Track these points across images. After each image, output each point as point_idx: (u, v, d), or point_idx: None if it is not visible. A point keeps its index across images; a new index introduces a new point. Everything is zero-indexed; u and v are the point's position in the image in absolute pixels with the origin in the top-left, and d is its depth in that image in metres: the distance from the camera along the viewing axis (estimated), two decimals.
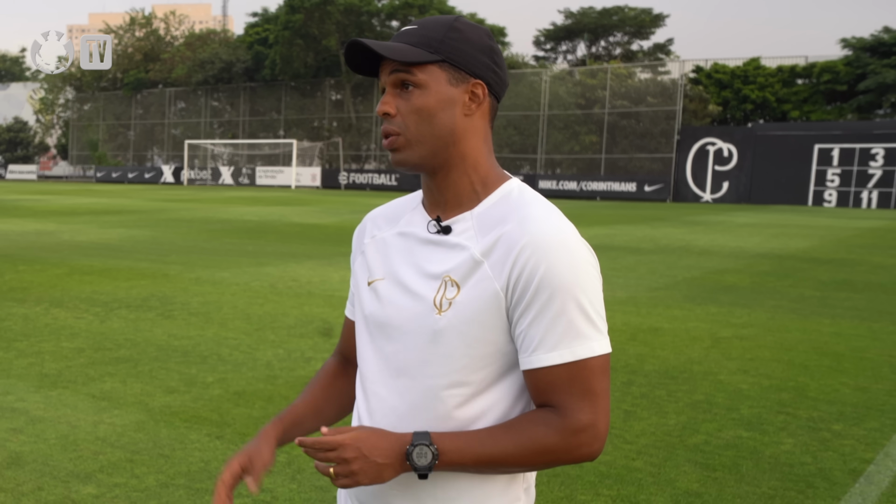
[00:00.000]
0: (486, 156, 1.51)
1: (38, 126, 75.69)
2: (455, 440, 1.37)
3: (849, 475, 4.36)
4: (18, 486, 4.01)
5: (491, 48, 1.48)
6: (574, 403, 1.38)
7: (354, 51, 1.46)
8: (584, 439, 1.38)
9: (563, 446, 1.38)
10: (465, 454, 1.36)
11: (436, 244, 1.49)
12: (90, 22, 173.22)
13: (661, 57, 54.80)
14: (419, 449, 1.34)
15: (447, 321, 1.43)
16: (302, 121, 58.06)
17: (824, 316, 9.09)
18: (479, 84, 1.46)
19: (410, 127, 1.46)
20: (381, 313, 1.53)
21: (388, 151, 1.50)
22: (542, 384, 1.40)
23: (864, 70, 43.14)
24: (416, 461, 1.34)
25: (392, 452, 1.35)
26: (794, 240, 18.88)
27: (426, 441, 1.35)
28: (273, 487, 4.06)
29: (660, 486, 4.16)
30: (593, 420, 1.38)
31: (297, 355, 6.82)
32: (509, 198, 1.48)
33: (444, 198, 1.51)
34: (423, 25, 1.48)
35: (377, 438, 1.35)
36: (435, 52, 1.44)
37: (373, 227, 1.64)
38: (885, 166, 37.42)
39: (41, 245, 14.93)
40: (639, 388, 5.97)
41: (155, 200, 32.73)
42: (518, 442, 1.37)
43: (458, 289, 1.43)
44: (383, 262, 1.57)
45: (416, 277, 1.49)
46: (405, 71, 1.44)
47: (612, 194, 42.96)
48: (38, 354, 6.67)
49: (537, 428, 1.38)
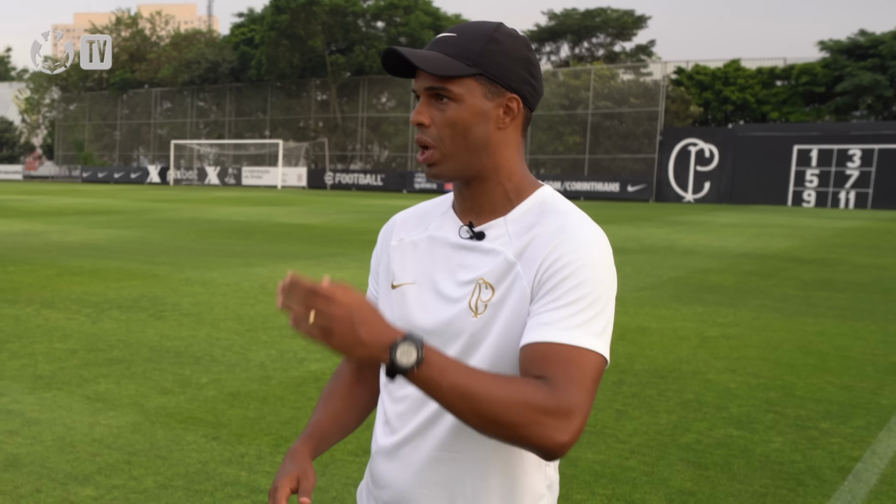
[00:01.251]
0: (518, 164, 1.52)
1: (23, 126, 75.19)
2: (443, 359, 1.27)
3: (838, 473, 4.44)
4: (17, 489, 4.03)
5: (529, 60, 1.47)
6: (566, 384, 1.31)
7: (392, 55, 1.44)
8: (560, 423, 1.28)
9: (540, 415, 1.27)
10: (445, 374, 1.26)
11: (469, 249, 1.49)
12: (75, 22, 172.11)
13: (644, 58, 55.02)
14: (406, 346, 1.23)
15: (483, 322, 1.44)
16: (288, 121, 57.94)
17: (808, 315, 9.21)
18: (515, 98, 1.46)
19: (445, 140, 1.45)
20: (413, 317, 1.52)
21: (425, 166, 1.49)
22: (539, 356, 1.34)
23: (842, 72, 43.54)
24: (397, 357, 1.23)
25: (379, 336, 1.24)
26: (776, 239, 19.05)
27: (417, 343, 1.24)
28: None
29: (654, 484, 4.23)
30: (576, 409, 1.29)
31: (290, 356, 6.86)
32: (544, 204, 1.49)
33: (477, 204, 1.51)
34: (462, 34, 1.46)
35: (372, 315, 1.24)
36: (473, 65, 1.42)
37: (401, 230, 1.63)
38: (862, 167, 37.78)
39: (29, 245, 14.88)
40: (629, 388, 6.05)
41: (142, 201, 32.60)
42: (502, 387, 1.28)
43: (493, 291, 1.44)
44: (413, 265, 1.56)
45: (450, 282, 1.49)
46: (441, 83, 1.43)
47: (595, 194, 43.13)
48: (31, 356, 6.68)
49: (526, 385, 1.30)
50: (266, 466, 4.38)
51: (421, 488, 1.51)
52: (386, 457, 1.57)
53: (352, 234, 18.58)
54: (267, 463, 4.43)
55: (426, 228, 1.59)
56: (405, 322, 1.54)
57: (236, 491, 4.06)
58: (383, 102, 55.85)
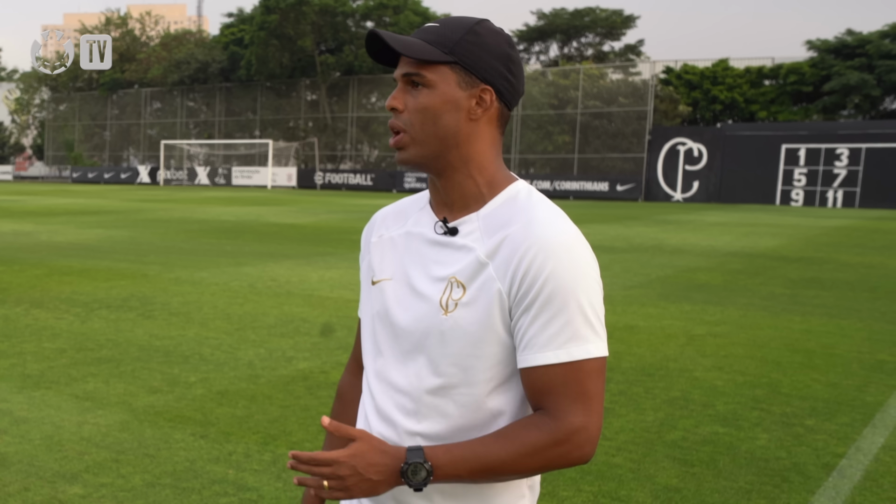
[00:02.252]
0: (492, 159, 1.51)
1: (13, 126, 74.86)
2: (448, 453, 1.37)
3: (822, 469, 4.48)
4: (4, 487, 4.04)
5: (508, 56, 1.48)
6: (567, 406, 1.38)
7: (374, 40, 1.46)
8: (576, 442, 1.38)
9: (555, 450, 1.38)
10: (459, 466, 1.37)
11: (442, 245, 1.50)
12: (65, 22, 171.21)
13: (632, 58, 55.18)
14: (413, 467, 1.35)
15: (453, 321, 1.45)
16: (278, 121, 57.86)
17: (795, 313, 9.26)
18: (488, 90, 1.47)
19: (415, 125, 1.47)
20: (390, 313, 1.54)
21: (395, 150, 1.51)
22: (537, 384, 1.40)
23: (829, 71, 43.76)
24: (410, 479, 1.35)
25: (387, 470, 1.35)
26: (764, 238, 19.13)
27: (420, 458, 1.35)
28: (259, 486, 4.12)
29: (640, 481, 4.26)
30: (585, 423, 1.38)
31: (279, 355, 6.87)
32: (515, 200, 1.49)
33: (450, 199, 1.52)
34: (443, 24, 1.48)
35: (372, 454, 1.35)
36: (449, 52, 1.44)
37: (381, 226, 1.65)
38: (850, 166, 37.96)
39: (19, 245, 14.84)
40: (616, 385, 6.08)
41: (132, 201, 32.53)
42: (510, 448, 1.37)
43: (464, 290, 1.45)
44: (390, 261, 1.58)
45: (424, 278, 1.51)
46: (416, 69, 1.45)
47: (584, 194, 43.23)
48: (19, 355, 6.67)
49: (529, 433, 1.38)
50: (254, 465, 4.39)
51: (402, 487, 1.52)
52: None
53: (341, 234, 18.58)
54: (255, 461, 4.45)
55: (404, 224, 1.60)
56: (384, 317, 1.55)
57: (224, 489, 4.07)
58: (373, 102, 55.83)
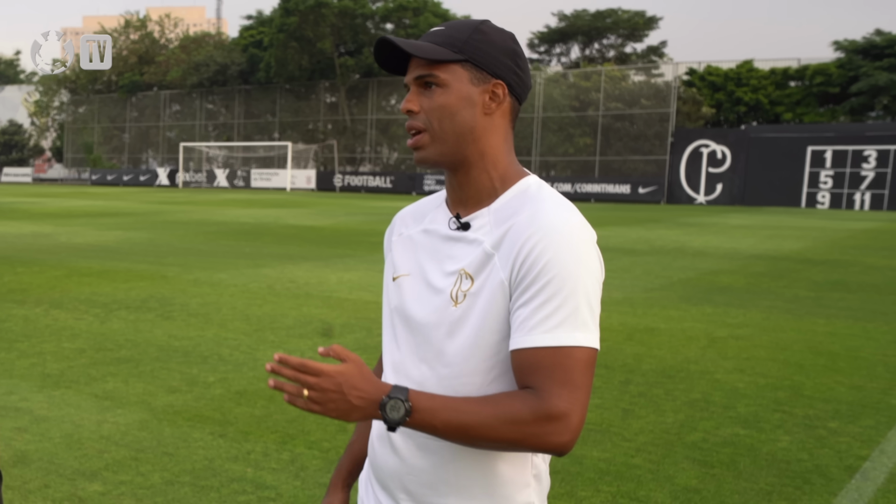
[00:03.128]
0: (505, 153, 1.56)
1: (32, 129, 75.43)
2: (431, 401, 1.37)
3: (845, 472, 4.42)
4: (25, 484, 4.06)
5: (514, 51, 1.54)
6: (553, 388, 1.38)
7: (383, 48, 1.52)
8: (556, 427, 1.37)
9: (533, 427, 1.37)
10: (437, 415, 1.37)
11: (456, 240, 1.55)
12: (84, 24, 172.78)
13: (655, 59, 54.91)
14: (393, 402, 1.35)
15: (462, 312, 1.49)
16: (297, 123, 58.03)
17: (819, 316, 9.16)
18: (500, 84, 1.52)
19: (434, 124, 1.51)
20: (406, 307, 1.59)
21: (412, 150, 1.56)
22: (525, 365, 1.41)
23: (857, 72, 43.27)
24: (388, 413, 1.35)
25: (368, 398, 1.35)
26: (788, 241, 18.97)
27: (402, 396, 1.35)
28: (277, 485, 4.11)
29: (659, 482, 4.22)
30: (568, 410, 1.37)
31: (298, 355, 6.79)
32: (525, 193, 1.53)
33: (465, 195, 1.56)
34: (449, 26, 1.53)
35: (360, 380, 1.35)
36: (459, 51, 1.49)
37: (401, 226, 1.70)
38: (878, 168, 37.55)
39: (39, 247, 14.95)
40: (636, 387, 6.03)
41: (150, 203, 32.73)
42: (491, 412, 1.37)
43: (472, 281, 1.49)
44: (409, 258, 1.63)
45: (437, 273, 1.55)
46: (429, 70, 1.50)
47: (606, 196, 43.05)
48: (39, 355, 6.71)
49: (513, 402, 1.38)
50: (272, 463, 4.39)
51: (409, 473, 1.56)
52: (379, 440, 1.63)
53: (360, 236, 18.60)
54: (273, 460, 4.44)
55: (422, 222, 1.65)
56: (401, 312, 1.60)
57: (242, 487, 4.07)
58: (392, 104, 55.88)
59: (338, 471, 1.82)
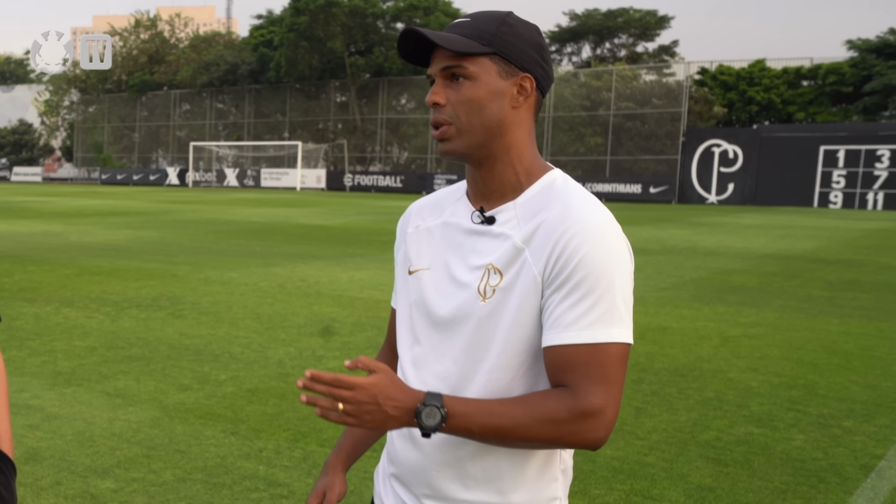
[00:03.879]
0: (529, 147, 1.54)
1: (42, 128, 75.72)
2: (465, 405, 1.37)
3: (860, 470, 4.38)
4: (37, 481, 4.05)
5: (540, 44, 1.52)
6: (588, 386, 1.38)
7: (408, 39, 1.50)
8: (592, 424, 1.38)
9: (570, 425, 1.37)
10: (472, 420, 1.37)
11: (480, 234, 1.53)
12: (94, 24, 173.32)
13: (666, 59, 54.71)
14: (429, 409, 1.35)
15: (491, 307, 1.47)
16: (307, 123, 58.09)
17: (832, 315, 9.11)
18: (528, 78, 1.50)
19: (461, 117, 1.49)
20: (428, 302, 1.56)
21: (438, 142, 1.53)
22: (559, 362, 1.41)
23: (870, 71, 43.02)
24: (424, 421, 1.35)
25: (403, 407, 1.35)
26: (801, 241, 18.88)
27: (437, 403, 1.35)
28: (289, 482, 4.10)
29: (672, 480, 4.19)
30: (604, 406, 1.38)
31: (309, 353, 6.86)
32: (552, 188, 1.52)
33: (488, 188, 1.54)
34: (475, 18, 1.51)
35: (393, 389, 1.35)
36: (487, 44, 1.47)
37: (417, 217, 1.68)
38: (891, 167, 37.34)
39: (49, 246, 14.99)
40: (649, 386, 6.00)
41: (160, 202, 32.80)
42: (526, 413, 1.37)
43: (501, 276, 1.47)
44: (427, 251, 1.60)
45: (462, 267, 1.53)
46: (458, 61, 1.48)
47: (617, 196, 42.96)
48: (50, 353, 6.72)
49: (548, 402, 1.39)
50: (284, 461, 4.38)
51: (433, 469, 1.54)
52: (400, 436, 1.61)
53: (371, 235, 18.60)
54: (285, 457, 4.43)
55: (441, 215, 1.63)
56: (421, 306, 1.58)
57: (254, 484, 4.06)
58: (403, 104, 55.90)
59: (336, 452, 1.79)
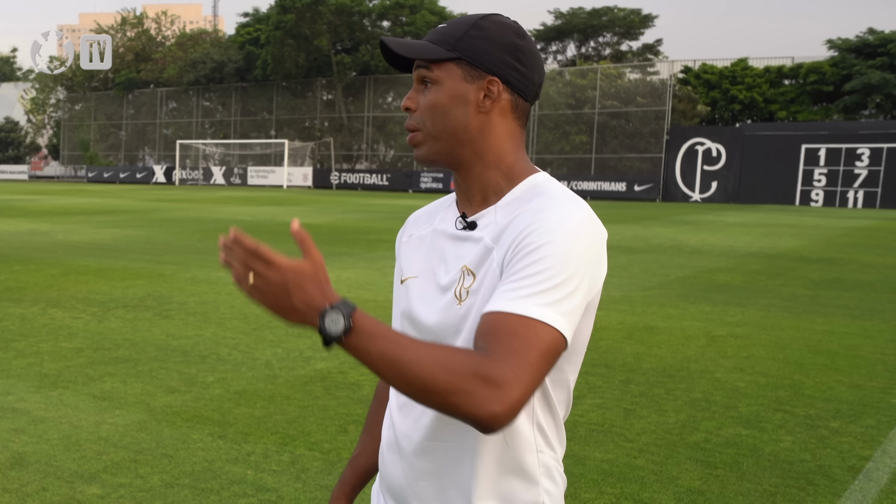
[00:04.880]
0: (510, 152, 1.51)
1: (29, 126, 75.27)
2: (374, 326, 1.24)
3: (848, 472, 4.40)
4: (22, 487, 4.02)
5: (515, 46, 1.48)
6: (504, 354, 1.25)
7: (386, 49, 1.51)
8: (491, 393, 1.22)
9: (469, 383, 1.22)
10: (374, 341, 1.23)
11: (462, 239, 1.51)
12: (81, 22, 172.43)
13: (651, 57, 54.89)
14: (335, 315, 1.22)
15: (465, 310, 1.45)
16: (293, 121, 57.94)
17: (816, 314, 9.16)
18: (495, 81, 1.46)
19: (427, 122, 1.50)
20: (413, 310, 1.55)
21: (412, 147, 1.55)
22: (485, 326, 1.31)
23: (850, 71, 43.36)
24: (325, 325, 1.22)
25: (311, 303, 1.23)
26: (784, 239, 18.98)
27: (346, 311, 1.22)
28: (278, 487, 4.08)
29: (662, 483, 4.19)
30: (511, 380, 1.23)
31: (297, 355, 6.84)
32: (533, 189, 1.49)
33: (470, 193, 1.53)
34: (450, 24, 1.51)
35: (309, 282, 1.23)
36: (452, 49, 1.47)
37: (412, 227, 1.68)
38: (871, 166, 37.66)
39: (35, 245, 14.89)
40: (637, 387, 6.01)
41: (147, 200, 32.65)
42: (429, 354, 1.24)
43: (474, 277, 1.45)
44: (417, 259, 1.60)
45: (444, 272, 1.52)
46: (425, 68, 1.49)
47: (602, 194, 43.07)
48: (36, 354, 6.67)
49: (456, 353, 1.25)
50: (272, 465, 4.36)
51: (417, 479, 1.52)
52: (388, 449, 1.59)
53: (357, 234, 18.57)
54: (273, 462, 4.41)
55: (432, 223, 1.63)
56: (409, 314, 1.57)
57: (243, 490, 4.04)
58: (389, 102, 55.84)
59: (340, 484, 1.80)
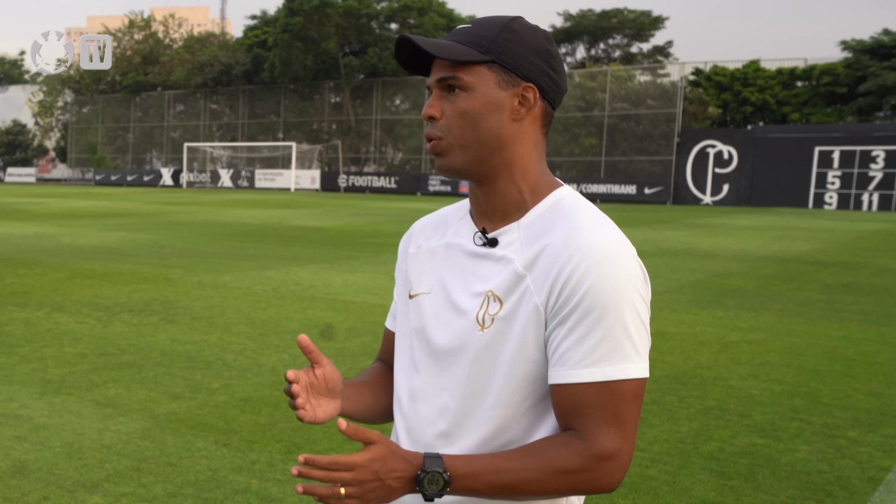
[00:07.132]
0: (535, 163, 1.43)
1: (36, 129, 75.49)
2: (469, 464, 1.28)
3: (867, 483, 4.29)
4: (24, 496, 3.94)
5: (548, 51, 1.40)
6: (600, 428, 1.29)
7: (403, 47, 1.39)
8: (607, 468, 1.29)
9: (584, 473, 1.29)
10: (478, 480, 1.27)
11: (482, 257, 1.42)
12: (88, 25, 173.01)
13: (661, 59, 54.72)
14: (431, 475, 1.26)
15: (490, 338, 1.37)
16: (301, 123, 57.96)
17: (832, 320, 9.02)
18: (531, 88, 1.39)
19: (454, 131, 1.38)
20: (427, 330, 1.46)
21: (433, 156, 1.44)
22: (568, 403, 1.31)
23: (864, 72, 43.07)
24: (426, 488, 1.26)
25: (405, 476, 1.26)
26: (797, 242, 18.82)
27: (439, 468, 1.26)
28: (283, 497, 3.99)
29: (676, 494, 4.09)
30: (618, 449, 1.29)
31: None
32: (559, 207, 1.40)
33: (491, 207, 1.43)
34: (476, 24, 1.41)
35: (393, 459, 1.26)
36: (485, 51, 1.37)
37: (419, 237, 1.57)
38: (886, 168, 37.37)
39: (41, 248, 14.85)
40: (649, 394, 5.90)
41: (154, 203, 32.65)
42: (535, 466, 1.28)
43: (501, 304, 1.36)
44: (429, 274, 1.50)
45: (462, 293, 1.42)
46: (452, 72, 1.37)
47: (612, 197, 42.91)
48: (40, 360, 6.59)
49: (557, 452, 1.29)
50: (277, 474, 4.27)
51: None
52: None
53: (365, 237, 18.49)
54: (278, 471, 4.32)
55: (444, 235, 1.52)
56: (421, 334, 1.47)
57: (247, 499, 3.95)
58: (397, 104, 55.80)
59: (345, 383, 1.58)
